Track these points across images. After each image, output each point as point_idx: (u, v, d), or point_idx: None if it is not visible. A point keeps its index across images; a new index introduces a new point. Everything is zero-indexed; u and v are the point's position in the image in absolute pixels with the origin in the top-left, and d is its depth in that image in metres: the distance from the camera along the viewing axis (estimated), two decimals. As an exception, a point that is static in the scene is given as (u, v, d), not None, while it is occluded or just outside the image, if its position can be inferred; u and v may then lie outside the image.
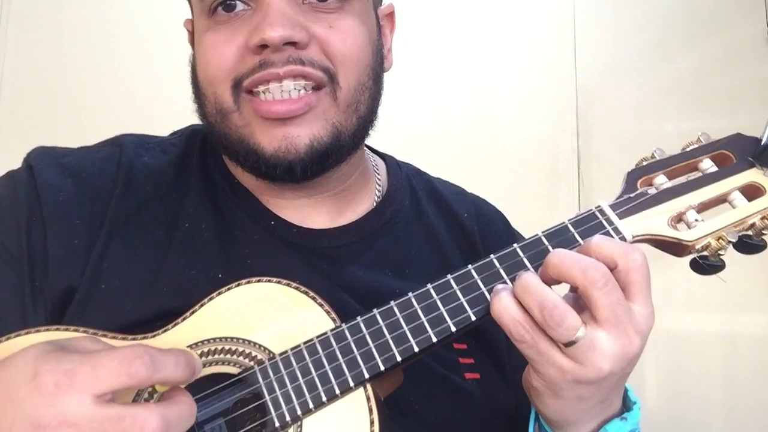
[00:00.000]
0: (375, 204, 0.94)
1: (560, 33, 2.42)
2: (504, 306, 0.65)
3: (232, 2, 0.79)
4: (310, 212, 0.89)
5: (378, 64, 0.86)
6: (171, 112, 2.03)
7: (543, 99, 2.38)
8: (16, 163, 0.88)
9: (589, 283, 0.62)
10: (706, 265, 0.72)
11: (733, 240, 0.69)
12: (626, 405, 0.73)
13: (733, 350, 2.27)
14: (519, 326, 0.64)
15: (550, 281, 0.66)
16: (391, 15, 0.96)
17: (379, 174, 0.99)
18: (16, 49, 2.28)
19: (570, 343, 0.62)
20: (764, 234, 0.71)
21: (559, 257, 0.65)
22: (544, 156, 2.36)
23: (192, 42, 0.90)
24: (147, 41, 2.26)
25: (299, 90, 0.78)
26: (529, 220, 0.73)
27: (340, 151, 0.83)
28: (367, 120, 0.85)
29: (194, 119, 1.01)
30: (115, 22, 2.29)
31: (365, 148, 0.98)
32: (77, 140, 0.93)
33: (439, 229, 0.96)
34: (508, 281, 0.68)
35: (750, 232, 0.71)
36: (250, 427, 0.68)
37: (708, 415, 2.24)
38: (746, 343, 2.27)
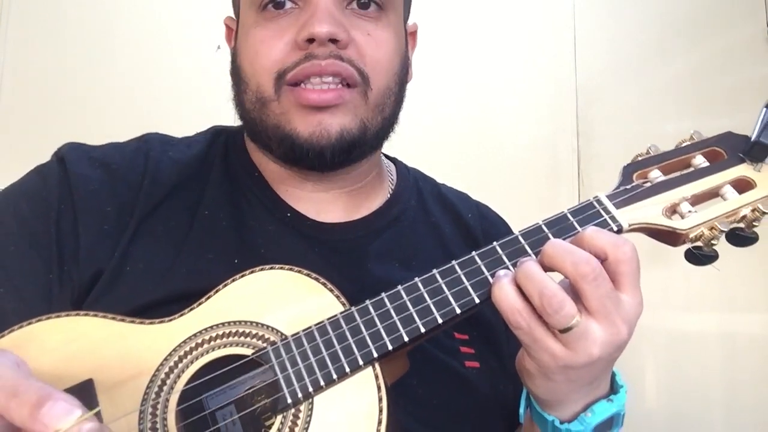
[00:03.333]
0: (385, 202, 0.99)
1: (560, 33, 2.42)
2: (504, 293, 0.68)
3: (282, 0, 0.86)
4: (326, 206, 0.94)
5: (404, 74, 0.94)
6: (172, 111, 2.07)
7: (543, 99, 2.39)
8: (16, 163, 0.92)
9: (580, 277, 0.65)
10: (701, 255, 0.75)
11: (725, 230, 0.73)
12: (614, 388, 0.77)
13: (733, 350, 2.27)
14: (516, 313, 0.67)
15: (547, 269, 0.69)
16: (414, 34, 1.05)
17: (392, 176, 1.04)
18: (16, 49, 2.29)
19: (565, 330, 0.66)
20: (755, 226, 0.74)
21: (553, 248, 0.68)
22: (544, 156, 2.37)
23: (229, 38, 0.97)
24: (147, 41, 2.27)
25: (336, 84, 0.84)
26: (529, 220, 0.75)
27: (364, 145, 0.89)
28: (390, 121, 0.92)
29: (194, 117, 1.05)
30: (115, 22, 2.29)
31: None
32: (78, 140, 0.95)
33: (444, 227, 1.01)
34: (510, 267, 0.71)
35: (742, 224, 0.74)
36: (262, 404, 0.71)
37: (708, 415, 2.24)
38: (745, 343, 2.26)
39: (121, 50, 2.27)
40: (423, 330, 0.71)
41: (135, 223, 0.86)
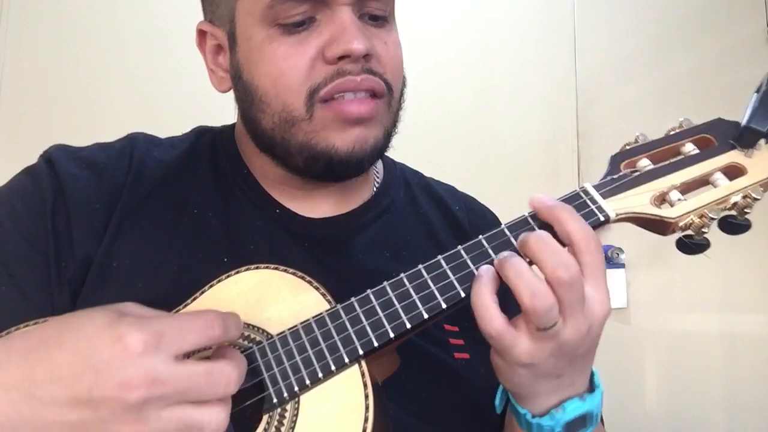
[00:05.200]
0: (372, 194, 0.98)
1: (560, 33, 2.43)
2: (485, 303, 0.68)
3: (309, 18, 0.82)
4: (316, 202, 0.93)
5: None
6: (172, 111, 2.07)
7: (543, 99, 2.40)
8: (16, 163, 0.91)
9: (556, 281, 0.65)
10: (692, 244, 0.74)
11: (716, 217, 0.72)
12: (592, 389, 0.76)
13: (733, 350, 2.28)
14: (491, 323, 0.68)
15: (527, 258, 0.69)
16: None
17: (377, 169, 1.03)
18: (16, 49, 2.31)
19: (545, 329, 0.66)
20: (747, 213, 0.73)
21: (537, 244, 0.68)
22: (544, 156, 2.38)
23: (202, 44, 0.94)
24: (148, 41, 2.29)
25: (367, 96, 0.84)
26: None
27: (384, 150, 0.90)
28: (397, 123, 0.92)
29: (195, 117, 1.04)
30: (115, 22, 2.31)
31: None
32: (77, 140, 0.95)
33: (433, 218, 1.01)
34: (497, 260, 0.70)
35: (734, 212, 0.73)
36: (248, 403, 0.70)
37: (708, 415, 2.25)
38: (746, 343, 2.28)
39: (121, 50, 2.30)
40: (409, 326, 0.70)
41: (118, 219, 0.86)
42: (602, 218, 0.72)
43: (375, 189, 0.99)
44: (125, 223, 0.86)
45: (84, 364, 0.57)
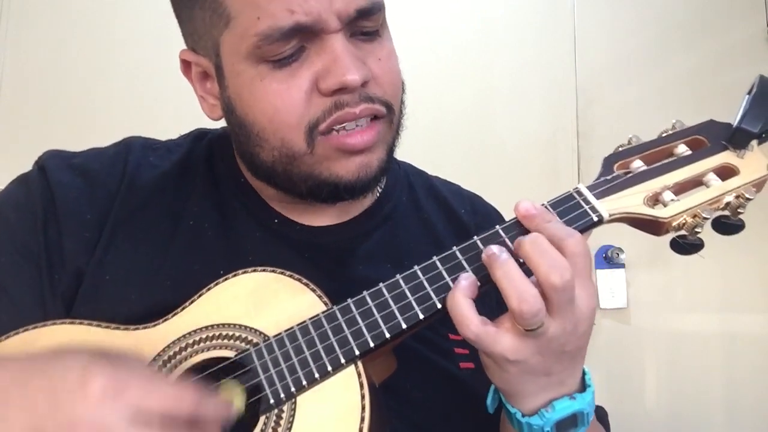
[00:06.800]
0: (375, 201, 0.97)
1: (560, 33, 2.43)
2: (459, 310, 0.69)
3: (298, 48, 0.79)
4: (316, 211, 0.92)
5: None
6: (172, 112, 2.07)
7: (543, 99, 2.39)
8: (15, 163, 0.92)
9: (550, 286, 0.66)
10: (686, 244, 0.74)
11: (709, 217, 0.72)
12: (584, 389, 0.76)
13: (733, 350, 2.28)
14: (468, 327, 0.68)
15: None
16: None
17: None
18: (16, 49, 2.31)
19: (531, 330, 0.66)
20: (740, 213, 0.73)
21: (531, 247, 0.68)
22: (544, 156, 2.37)
23: (188, 72, 0.90)
24: (148, 41, 2.27)
25: (368, 121, 0.82)
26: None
27: (389, 166, 0.88)
28: (400, 133, 0.90)
29: (195, 117, 1.03)
30: (115, 22, 2.31)
31: None
32: (77, 140, 0.95)
33: (437, 223, 0.99)
34: (485, 254, 0.71)
35: (727, 212, 0.74)
36: (245, 404, 0.70)
37: (708, 415, 2.25)
38: (746, 343, 2.28)
39: (121, 50, 2.29)
40: (404, 326, 0.71)
41: (110, 229, 0.85)
42: (596, 218, 0.73)
43: (378, 194, 0.97)
44: (118, 234, 0.85)
45: (50, 396, 0.58)
